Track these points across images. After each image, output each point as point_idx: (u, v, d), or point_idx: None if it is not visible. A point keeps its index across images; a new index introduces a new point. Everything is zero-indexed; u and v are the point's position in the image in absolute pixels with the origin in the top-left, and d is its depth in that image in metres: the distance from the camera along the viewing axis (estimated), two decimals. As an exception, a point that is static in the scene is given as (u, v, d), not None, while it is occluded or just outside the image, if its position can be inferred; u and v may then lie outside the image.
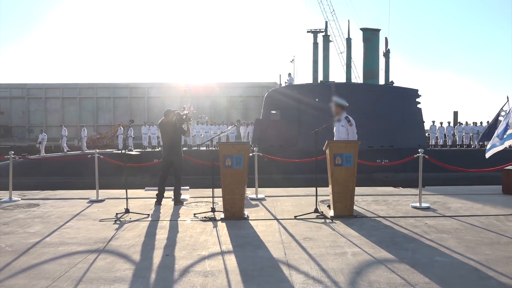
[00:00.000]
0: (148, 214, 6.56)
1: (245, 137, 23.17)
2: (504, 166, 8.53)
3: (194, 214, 6.47)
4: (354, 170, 6.33)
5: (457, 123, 26.36)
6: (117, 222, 6.07)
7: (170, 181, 7.66)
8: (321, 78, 28.59)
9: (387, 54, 25.09)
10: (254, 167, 8.31)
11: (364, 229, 5.60)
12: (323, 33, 29.39)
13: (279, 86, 23.66)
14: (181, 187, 7.77)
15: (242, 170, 6.25)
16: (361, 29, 24.27)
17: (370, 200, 7.74)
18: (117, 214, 6.39)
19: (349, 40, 27.24)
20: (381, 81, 24.27)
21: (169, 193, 7.70)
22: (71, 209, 7.10)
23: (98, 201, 7.86)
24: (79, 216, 6.57)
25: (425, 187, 8.15)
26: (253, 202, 7.64)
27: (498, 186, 8.88)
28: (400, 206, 7.16)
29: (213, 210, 6.38)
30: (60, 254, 4.58)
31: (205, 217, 6.24)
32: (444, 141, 24.29)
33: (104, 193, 8.51)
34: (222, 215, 6.27)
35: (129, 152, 19.13)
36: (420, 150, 7.29)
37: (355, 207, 6.75)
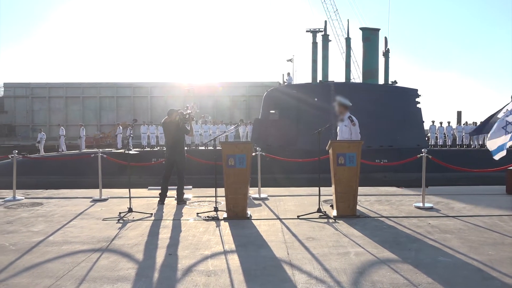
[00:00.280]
0: (151, 214, 6.57)
1: (244, 137, 23.12)
2: (508, 166, 8.49)
3: (197, 214, 6.47)
4: (357, 170, 6.32)
5: (460, 123, 26.29)
6: (120, 221, 6.08)
7: (173, 181, 7.67)
8: (321, 78, 28.51)
9: (387, 54, 24.98)
10: (257, 167, 8.31)
11: (367, 229, 5.59)
12: (323, 33, 29.29)
13: (278, 86, 23.61)
14: (184, 187, 7.78)
15: (245, 170, 6.25)
16: (361, 29, 24.21)
17: (373, 200, 7.73)
18: (120, 213, 6.40)
19: (349, 40, 27.16)
20: (381, 81, 24.18)
21: (172, 193, 7.72)
22: (75, 208, 7.12)
23: (101, 200, 7.88)
24: (83, 215, 6.59)
25: (428, 187, 8.13)
26: (256, 202, 7.64)
27: (502, 187, 8.84)
28: (403, 206, 7.15)
29: (216, 210, 6.39)
30: (64, 253, 4.59)
31: (208, 217, 6.25)
32: (444, 141, 24.19)
33: (107, 192, 8.54)
34: (225, 215, 6.28)
35: (127, 152, 19.10)
36: (424, 150, 7.28)
37: (358, 207, 6.73)
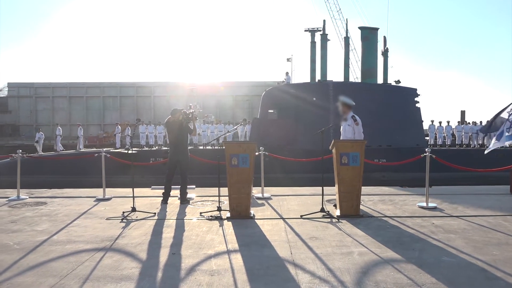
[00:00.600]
0: (155, 213, 6.58)
1: (243, 137, 23.07)
2: (512, 166, 8.45)
3: (200, 213, 6.48)
4: (361, 170, 6.31)
5: (465, 123, 26.14)
6: (124, 221, 6.10)
7: (177, 180, 7.68)
8: (319, 77, 28.41)
9: (386, 53, 24.87)
10: (261, 166, 8.31)
11: (371, 229, 5.57)
12: (321, 32, 29.18)
13: (276, 85, 23.57)
14: (187, 186, 7.79)
15: (248, 169, 6.24)
16: (359, 28, 24.13)
17: (377, 200, 7.72)
18: (124, 213, 6.42)
19: (347, 39, 27.02)
20: (380, 80, 24.07)
21: (176, 192, 7.73)
22: (78, 208, 7.14)
23: (105, 200, 7.90)
24: (86, 215, 6.61)
25: (432, 187, 8.10)
26: (259, 201, 7.64)
27: (506, 186, 8.81)
28: (407, 206, 7.13)
29: (219, 209, 6.39)
30: (67, 252, 4.61)
31: (211, 216, 6.25)
32: (444, 141, 24.08)
33: (111, 192, 8.55)
34: (228, 214, 6.28)
35: (126, 151, 19.16)
36: (427, 150, 7.25)
37: (362, 207, 6.72)
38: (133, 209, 6.50)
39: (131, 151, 19.35)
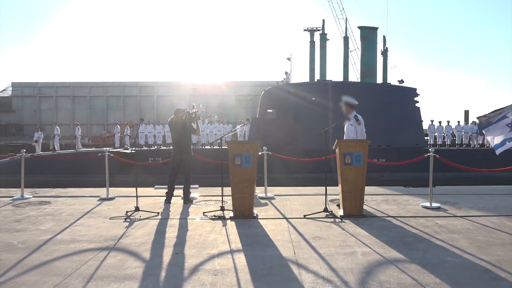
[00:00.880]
0: (158, 212, 6.59)
1: (242, 136, 23.06)
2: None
3: (204, 213, 6.48)
4: (364, 170, 6.29)
5: (468, 122, 26.05)
6: (127, 220, 6.11)
7: (180, 180, 7.69)
8: (319, 77, 28.36)
9: (385, 53, 24.80)
10: (264, 166, 8.31)
11: (374, 229, 5.56)
12: (320, 32, 29.11)
13: (276, 85, 23.55)
14: (191, 186, 7.80)
15: (252, 169, 6.24)
16: (359, 28, 24.07)
17: (380, 200, 7.70)
18: (127, 212, 6.43)
19: (346, 39, 26.95)
20: (379, 80, 23.99)
21: (179, 192, 7.74)
22: (82, 207, 7.17)
23: (108, 199, 7.92)
24: (90, 214, 6.63)
25: (436, 187, 8.08)
26: (262, 201, 7.64)
27: (510, 186, 8.78)
28: (410, 206, 7.11)
29: (223, 209, 6.39)
30: (71, 251, 4.62)
31: (215, 216, 6.25)
32: (444, 141, 23.98)
33: (114, 191, 8.57)
34: (231, 214, 6.28)
35: (125, 151, 19.22)
36: (431, 150, 7.23)
37: (365, 207, 6.70)
38: (137, 209, 6.52)
39: (130, 151, 19.49)
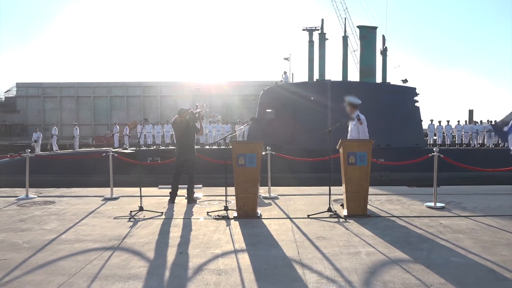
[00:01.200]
0: (162, 212, 6.61)
1: (241, 136, 23.05)
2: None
3: (207, 213, 6.49)
4: (368, 169, 6.28)
5: (472, 122, 25.92)
6: (131, 220, 6.13)
7: (184, 179, 7.70)
8: (317, 77, 28.32)
9: (385, 52, 24.71)
10: (267, 166, 8.31)
11: (378, 229, 5.55)
12: (319, 31, 29.03)
13: (274, 84, 23.53)
14: (194, 186, 7.82)
15: (255, 169, 6.24)
16: (358, 27, 23.99)
17: (384, 200, 7.68)
18: (131, 212, 6.45)
19: (346, 38, 26.88)
20: (378, 80, 23.89)
21: (183, 191, 7.75)
22: (86, 207, 7.19)
23: (112, 199, 7.94)
24: (94, 214, 6.65)
25: (440, 187, 8.05)
26: (266, 201, 7.64)
27: (514, 186, 8.73)
28: (415, 206, 7.09)
29: (226, 209, 6.40)
30: (76, 251, 4.64)
31: (218, 216, 6.26)
32: (443, 141, 23.86)
33: (118, 191, 8.60)
34: (235, 214, 6.29)
35: (123, 151, 19.27)
36: (435, 149, 7.20)
37: (369, 207, 6.70)
38: (141, 209, 6.53)
39: (129, 151, 19.55)
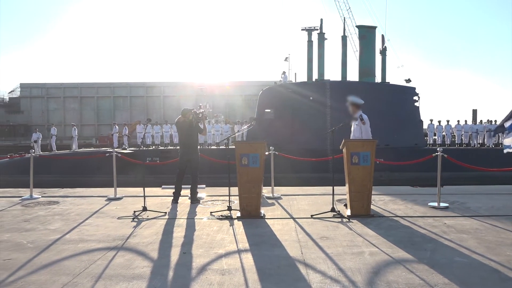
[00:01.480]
0: (165, 212, 6.62)
1: (240, 136, 23.03)
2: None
3: (211, 213, 6.50)
4: (371, 169, 6.27)
5: (476, 122, 25.83)
6: (135, 220, 6.14)
7: (187, 180, 7.71)
8: (317, 77, 28.26)
9: (384, 52, 24.66)
10: (271, 166, 8.31)
11: (382, 229, 5.54)
12: (318, 31, 28.96)
13: (274, 84, 23.53)
14: (198, 186, 7.82)
15: (259, 169, 6.24)
16: (357, 27, 23.96)
17: (387, 200, 7.67)
18: (135, 212, 6.46)
19: (345, 38, 26.86)
20: (378, 79, 23.83)
21: (186, 191, 7.76)
22: (90, 207, 7.21)
23: (116, 199, 7.97)
24: (98, 214, 6.67)
25: (443, 187, 8.03)
26: (269, 201, 7.64)
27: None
28: (418, 206, 7.07)
29: (230, 209, 6.40)
30: (80, 251, 4.66)
31: (222, 216, 6.27)
32: (443, 140, 23.75)
33: (122, 191, 8.62)
34: (239, 214, 6.29)
35: (122, 151, 19.29)
36: (439, 149, 7.18)
37: (372, 207, 6.68)
38: (144, 209, 6.54)
39: (128, 151, 19.59)
